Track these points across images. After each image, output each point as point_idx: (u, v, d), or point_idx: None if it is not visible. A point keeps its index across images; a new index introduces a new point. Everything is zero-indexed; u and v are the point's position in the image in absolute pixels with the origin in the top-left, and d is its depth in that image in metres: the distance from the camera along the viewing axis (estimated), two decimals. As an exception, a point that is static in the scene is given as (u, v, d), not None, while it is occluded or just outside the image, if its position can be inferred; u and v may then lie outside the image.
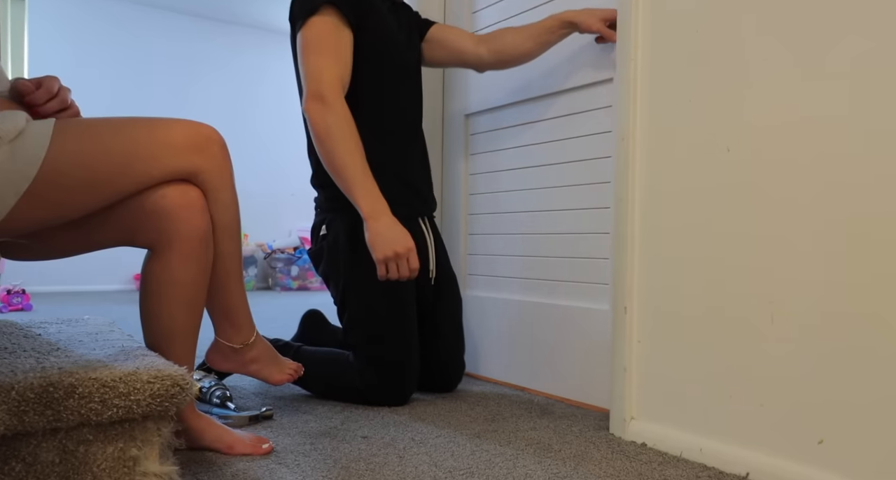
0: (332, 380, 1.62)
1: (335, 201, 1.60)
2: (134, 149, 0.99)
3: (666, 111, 1.30)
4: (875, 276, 0.99)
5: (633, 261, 1.35)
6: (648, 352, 1.32)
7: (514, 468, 1.16)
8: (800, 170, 1.08)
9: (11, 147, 0.90)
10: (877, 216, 0.99)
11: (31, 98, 1.04)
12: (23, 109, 1.01)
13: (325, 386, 1.63)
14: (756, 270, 1.14)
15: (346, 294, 1.61)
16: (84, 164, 0.95)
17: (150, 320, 1.11)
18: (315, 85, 1.48)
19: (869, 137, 1.00)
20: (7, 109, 0.97)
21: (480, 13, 1.96)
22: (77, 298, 4.59)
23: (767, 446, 1.11)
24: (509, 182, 1.85)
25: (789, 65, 1.10)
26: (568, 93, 1.68)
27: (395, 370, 1.56)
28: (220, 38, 5.81)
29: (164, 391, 0.88)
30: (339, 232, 1.61)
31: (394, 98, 1.66)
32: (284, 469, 1.13)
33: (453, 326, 1.73)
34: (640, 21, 1.35)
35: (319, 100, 1.47)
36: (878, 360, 0.98)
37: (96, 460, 0.86)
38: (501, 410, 1.56)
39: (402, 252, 1.45)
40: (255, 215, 5.76)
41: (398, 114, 1.67)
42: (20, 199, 0.91)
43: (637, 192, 1.35)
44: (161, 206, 1.02)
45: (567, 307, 1.64)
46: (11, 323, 1.28)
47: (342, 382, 1.59)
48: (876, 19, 0.99)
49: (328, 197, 1.64)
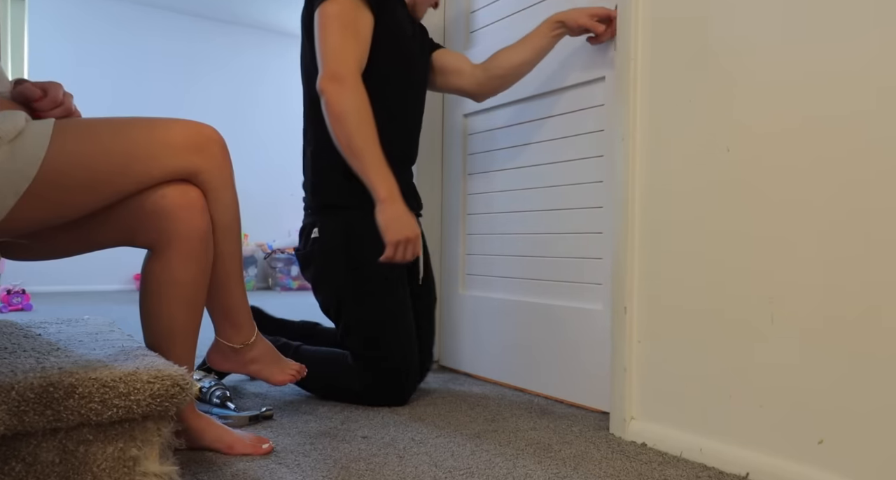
0: (331, 381, 1.61)
1: (330, 203, 1.60)
2: (134, 149, 0.99)
3: (666, 111, 1.30)
4: (875, 277, 0.99)
5: (633, 262, 1.35)
6: (648, 352, 1.32)
7: (514, 468, 1.16)
8: (800, 170, 1.08)
9: (11, 147, 0.90)
10: (877, 217, 0.99)
11: (37, 105, 1.04)
12: (23, 109, 1.01)
13: (324, 387, 1.63)
14: (756, 270, 1.14)
15: (344, 297, 1.60)
16: (84, 164, 0.95)
17: (150, 320, 1.10)
18: (334, 64, 1.45)
19: (870, 138, 1.00)
20: (7, 109, 0.97)
21: (478, 13, 1.97)
22: (77, 298, 4.59)
23: (767, 446, 1.11)
24: (506, 182, 1.85)
25: (790, 65, 1.10)
26: (562, 93, 1.67)
27: (394, 374, 1.56)
28: (220, 37, 5.82)
29: (164, 391, 0.88)
30: (335, 234, 1.59)
31: (400, 101, 1.65)
32: (284, 469, 1.13)
33: (429, 322, 1.74)
34: (640, 21, 1.35)
35: (337, 81, 1.45)
36: (879, 361, 0.98)
37: (96, 460, 0.86)
38: (501, 410, 1.56)
39: (412, 237, 1.47)
40: (255, 215, 5.76)
41: (401, 116, 1.66)
42: (20, 199, 0.91)
43: (637, 192, 1.35)
44: (161, 206, 1.02)
45: (567, 307, 1.64)
46: (11, 323, 1.28)
47: (341, 383, 1.59)
48: (876, 19, 0.99)
49: (322, 199, 1.63)
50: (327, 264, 1.61)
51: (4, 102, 1.01)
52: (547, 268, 1.72)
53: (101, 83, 5.26)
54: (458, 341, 2.01)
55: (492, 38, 1.90)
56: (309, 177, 1.66)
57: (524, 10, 1.80)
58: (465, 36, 2.02)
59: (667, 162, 1.30)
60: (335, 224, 1.60)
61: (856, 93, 1.01)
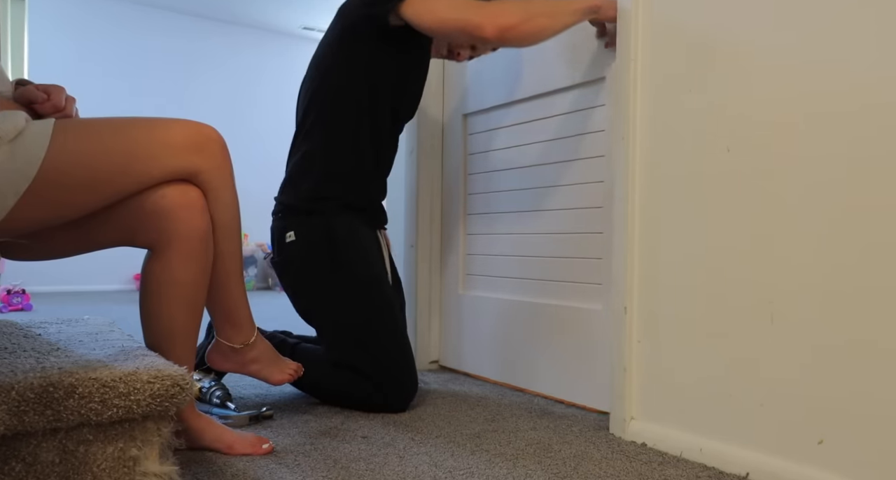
0: (329, 385, 1.58)
1: (309, 207, 1.57)
2: (134, 148, 0.99)
3: (666, 111, 1.30)
4: (875, 277, 0.99)
5: (633, 261, 1.35)
6: (648, 352, 1.32)
7: (514, 468, 1.16)
8: (800, 170, 1.08)
9: (11, 147, 0.90)
10: (877, 217, 0.99)
11: (39, 108, 1.04)
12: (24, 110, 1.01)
13: (323, 390, 1.60)
14: (756, 270, 1.14)
15: (327, 301, 1.56)
16: (84, 164, 0.95)
17: (151, 320, 1.11)
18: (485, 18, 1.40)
19: (870, 137, 1.00)
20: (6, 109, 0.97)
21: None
22: (77, 298, 4.59)
23: (767, 446, 1.11)
24: (507, 181, 1.85)
25: (790, 64, 1.10)
26: (562, 93, 1.67)
27: (390, 375, 1.52)
28: (219, 37, 5.82)
29: (164, 391, 0.88)
30: (314, 234, 1.55)
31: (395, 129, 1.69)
32: (284, 469, 1.13)
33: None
34: (640, 21, 1.35)
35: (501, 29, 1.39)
36: (879, 361, 0.98)
37: (96, 460, 0.86)
38: (501, 410, 1.56)
39: None
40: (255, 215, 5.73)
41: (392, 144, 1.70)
42: (20, 199, 0.91)
43: (637, 192, 1.35)
44: (161, 206, 1.02)
45: (567, 307, 1.64)
46: (11, 323, 1.28)
47: (339, 386, 1.56)
48: (876, 18, 0.99)
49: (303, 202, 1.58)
50: (306, 267, 1.57)
51: (4, 102, 1.01)
52: (547, 268, 1.72)
53: (101, 82, 5.26)
54: (458, 341, 2.01)
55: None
56: (294, 179, 1.62)
57: (524, 9, 1.80)
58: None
59: (667, 162, 1.30)
60: (315, 226, 1.56)
61: (856, 93, 1.01)
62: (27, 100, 1.03)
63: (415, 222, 2.08)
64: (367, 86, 1.57)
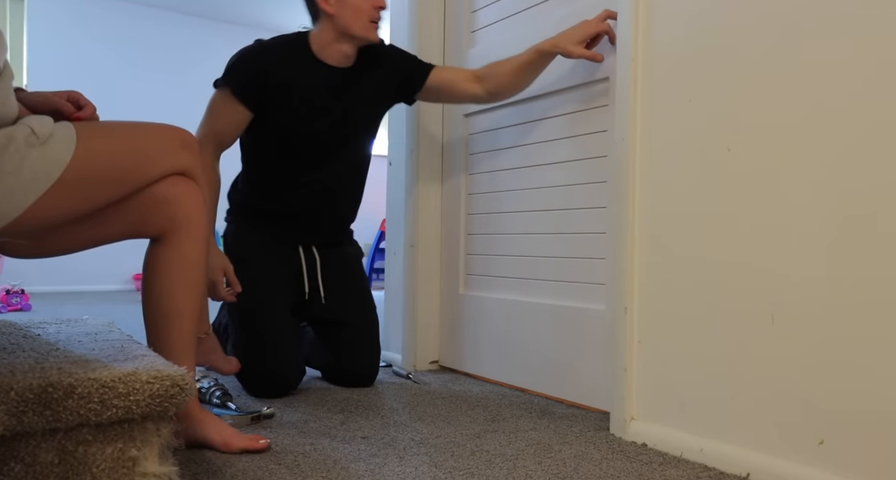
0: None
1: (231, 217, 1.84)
2: (143, 147, 1.11)
3: (666, 111, 1.30)
4: (876, 277, 0.98)
5: (633, 261, 1.35)
6: (649, 352, 1.32)
7: (514, 468, 1.15)
8: (801, 169, 1.08)
9: (42, 149, 0.98)
10: (878, 217, 0.98)
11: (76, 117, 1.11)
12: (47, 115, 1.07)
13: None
14: (756, 270, 1.14)
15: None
16: (101, 164, 1.05)
17: (151, 299, 1.17)
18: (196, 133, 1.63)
19: (870, 135, 1.00)
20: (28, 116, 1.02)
21: (479, 12, 1.96)
22: (77, 298, 4.59)
23: (768, 446, 1.11)
24: (508, 181, 1.85)
25: (790, 64, 1.10)
26: (565, 93, 1.67)
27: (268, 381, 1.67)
28: (219, 37, 5.81)
29: (164, 391, 0.88)
30: (228, 237, 1.82)
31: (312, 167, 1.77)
32: (284, 470, 1.13)
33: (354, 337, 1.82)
34: (640, 21, 1.35)
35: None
36: (879, 361, 0.98)
37: (95, 460, 0.86)
38: (501, 410, 1.56)
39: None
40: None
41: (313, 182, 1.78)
42: (44, 196, 0.97)
43: (637, 192, 1.35)
44: (172, 194, 1.13)
45: (567, 307, 1.64)
46: (11, 323, 1.28)
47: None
48: (876, 17, 0.99)
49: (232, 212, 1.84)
50: None
51: (24, 110, 1.06)
52: (548, 269, 1.71)
53: (100, 82, 5.25)
54: (458, 341, 2.01)
55: (493, 38, 1.90)
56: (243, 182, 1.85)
57: (526, 10, 1.80)
58: (466, 35, 2.02)
59: (667, 162, 1.29)
60: (230, 229, 1.84)
61: (856, 92, 1.01)
62: (52, 109, 1.09)
63: (415, 222, 2.08)
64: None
